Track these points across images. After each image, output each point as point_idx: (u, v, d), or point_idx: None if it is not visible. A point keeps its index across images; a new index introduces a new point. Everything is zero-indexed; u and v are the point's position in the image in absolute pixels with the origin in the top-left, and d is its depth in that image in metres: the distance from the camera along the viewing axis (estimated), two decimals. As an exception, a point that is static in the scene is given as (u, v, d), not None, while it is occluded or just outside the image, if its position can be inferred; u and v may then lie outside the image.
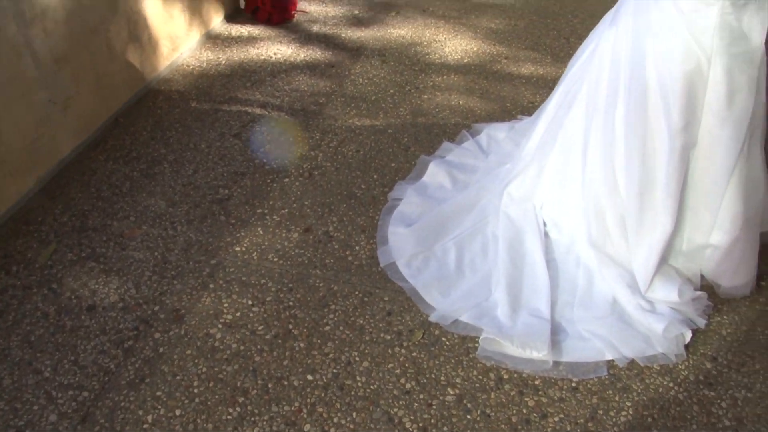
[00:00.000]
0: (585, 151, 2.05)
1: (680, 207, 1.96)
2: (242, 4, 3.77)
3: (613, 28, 1.94)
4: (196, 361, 1.89)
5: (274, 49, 3.42)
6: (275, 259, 2.20)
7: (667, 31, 1.80)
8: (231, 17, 3.70)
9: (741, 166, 1.92)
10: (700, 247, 2.04)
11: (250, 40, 3.51)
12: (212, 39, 3.49)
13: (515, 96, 3.04)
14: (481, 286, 2.05)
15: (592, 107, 2.01)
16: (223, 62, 3.29)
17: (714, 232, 2.00)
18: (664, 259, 2.03)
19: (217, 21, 3.60)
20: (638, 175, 1.92)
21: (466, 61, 3.34)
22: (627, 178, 1.95)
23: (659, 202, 1.92)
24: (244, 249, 2.24)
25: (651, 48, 1.83)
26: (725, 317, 2.03)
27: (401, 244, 2.18)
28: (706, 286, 2.09)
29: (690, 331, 1.94)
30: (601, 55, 1.98)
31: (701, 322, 1.98)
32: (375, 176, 2.56)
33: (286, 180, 2.54)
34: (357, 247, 2.25)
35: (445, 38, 3.55)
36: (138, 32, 2.90)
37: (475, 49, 3.45)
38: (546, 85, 3.10)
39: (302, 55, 3.37)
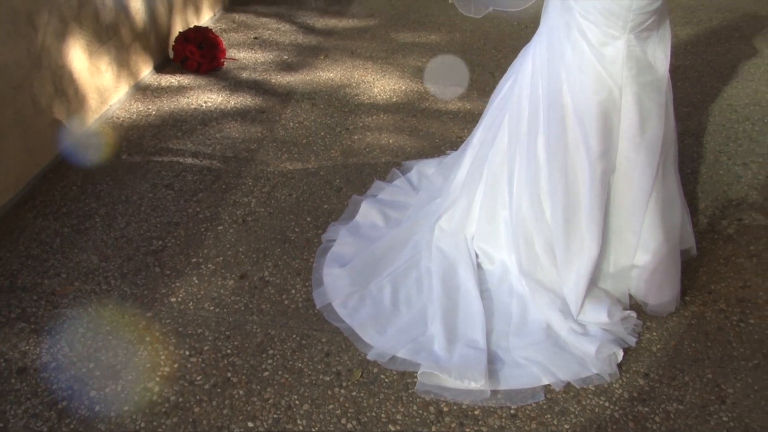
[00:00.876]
0: (510, 181, 2.12)
1: (605, 231, 2.04)
2: (171, 54, 3.78)
3: (530, 63, 2.04)
4: (134, 416, 1.85)
5: (205, 97, 3.44)
6: (211, 308, 2.19)
7: (580, 64, 1.90)
8: (160, 67, 3.71)
9: (658, 187, 2.02)
10: (627, 268, 2.13)
11: (181, 89, 3.52)
12: (142, 90, 3.48)
13: (444, 132, 3.13)
14: (416, 321, 2.08)
15: (515, 139, 2.09)
16: (154, 113, 3.29)
17: (638, 252, 2.09)
18: (593, 282, 2.10)
19: (146, 72, 3.60)
20: (562, 203, 2.00)
21: (394, 100, 3.42)
22: (552, 205, 2.03)
23: (584, 228, 2.00)
24: (179, 299, 2.23)
25: (566, 80, 1.93)
26: (654, 334, 2.10)
27: (336, 284, 2.20)
28: (634, 305, 2.17)
29: (622, 350, 2.00)
30: (520, 89, 2.07)
31: (632, 341, 2.05)
32: (308, 219, 2.58)
33: (220, 228, 2.54)
34: (293, 291, 2.26)
35: (373, 79, 3.63)
36: (64, 86, 2.89)
37: (403, 87, 3.54)
38: (473, 119, 3.17)
39: (233, 102, 3.39)
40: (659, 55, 1.96)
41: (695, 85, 3.57)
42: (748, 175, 2.84)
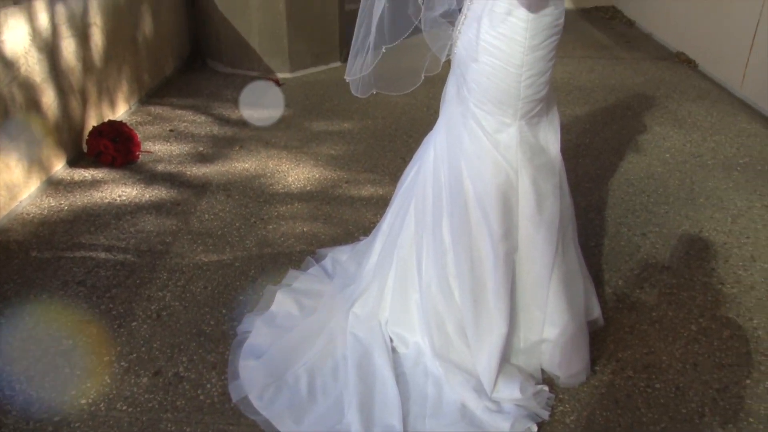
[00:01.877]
0: (419, 265, 2.19)
1: (513, 308, 2.12)
2: (85, 148, 3.77)
3: (431, 151, 2.15)
4: None
5: (119, 191, 3.42)
6: (124, 407, 2.13)
7: (477, 151, 2.02)
8: (74, 162, 3.68)
9: (559, 263, 2.13)
10: (536, 343, 2.20)
11: (94, 183, 3.50)
12: (54, 185, 3.44)
13: (357, 218, 3.20)
14: (333, 409, 2.07)
15: (421, 224, 2.17)
16: (66, 208, 3.25)
17: (546, 327, 2.17)
18: (505, 359, 2.16)
19: (59, 166, 3.56)
20: (470, 284, 2.07)
21: (308, 188, 3.49)
22: (460, 287, 2.09)
23: (492, 307, 2.07)
24: (90, 401, 2.16)
25: (465, 167, 2.04)
26: (567, 406, 2.15)
27: (252, 376, 2.18)
28: (547, 378, 2.23)
29: (535, 425, 2.04)
30: (424, 176, 2.17)
31: (545, 414, 2.09)
32: (224, 311, 2.57)
33: (134, 324, 2.50)
34: (208, 385, 2.22)
35: (287, 168, 3.70)
36: (-32, 188, 2.83)
37: (317, 176, 3.61)
38: (385, 205, 3.21)
39: (148, 196, 3.39)
40: (550, 138, 2.10)
41: (595, 162, 3.79)
42: (647, 244, 3.01)
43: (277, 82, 5.04)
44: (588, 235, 3.06)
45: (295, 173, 3.65)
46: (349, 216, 3.22)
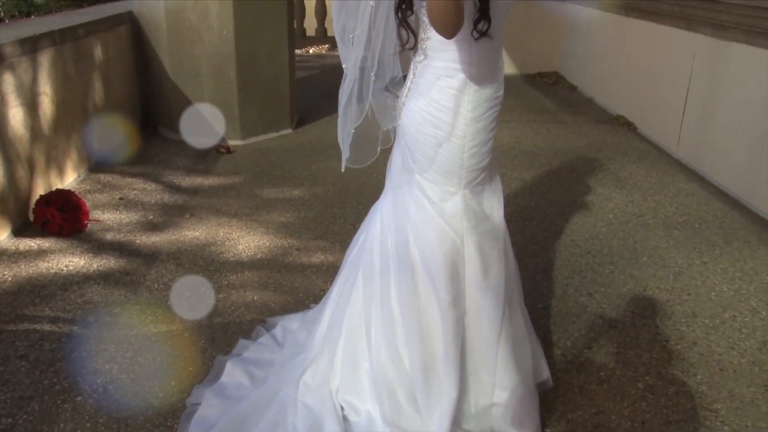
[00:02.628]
0: (368, 333, 2.20)
1: (462, 373, 2.13)
2: (31, 217, 3.72)
3: (378, 220, 2.19)
4: None
5: (66, 261, 3.37)
6: (67, 489, 2.07)
7: (423, 219, 2.07)
8: (19, 231, 3.62)
9: (506, 327, 2.16)
10: (487, 407, 2.20)
11: (40, 253, 3.44)
12: (-3, 256, 3.38)
13: (307, 286, 3.20)
14: (285, 480, 2.04)
15: (369, 292, 2.19)
16: (10, 279, 3.18)
17: (495, 391, 2.18)
18: (456, 424, 2.15)
19: (3, 236, 3.51)
20: (419, 351, 2.08)
21: (259, 256, 3.49)
22: (410, 354, 2.10)
23: (442, 373, 2.09)
24: (31, 483, 2.08)
25: (412, 235, 2.08)
26: (519, 470, 2.16)
27: (202, 450, 2.14)
28: (498, 443, 2.24)
29: (488, 490, 2.05)
30: (371, 244, 2.20)
31: (498, 478, 2.10)
32: (173, 383, 2.52)
33: (79, 399, 2.43)
34: (156, 461, 2.18)
35: (238, 236, 3.70)
36: None
37: (268, 244, 3.62)
38: (335, 272, 3.19)
39: (96, 265, 3.35)
40: (494, 206, 2.17)
41: (541, 224, 3.89)
42: (593, 305, 3.08)
43: (228, 150, 5.08)
44: (535, 297, 3.12)
45: (245, 241, 3.65)
46: (299, 284, 3.22)
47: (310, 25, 9.50)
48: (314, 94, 6.79)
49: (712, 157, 4.71)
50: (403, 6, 1.94)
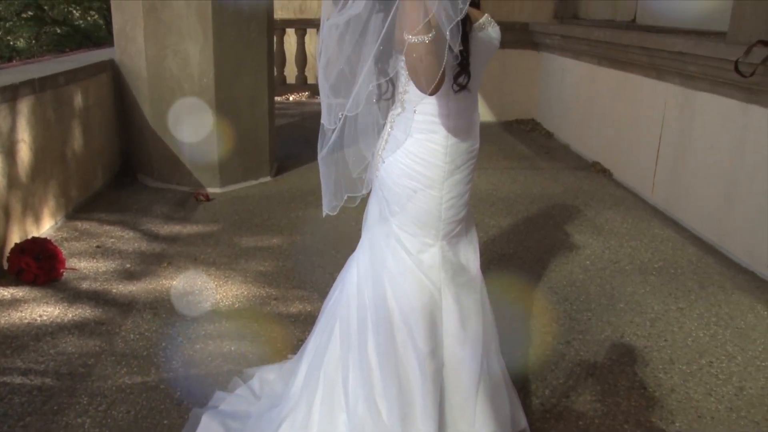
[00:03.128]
0: (346, 384, 2.17)
1: (441, 424, 2.11)
2: (5, 265, 3.67)
3: (355, 271, 2.19)
4: None
5: (40, 310, 3.33)
6: None
7: (401, 271, 2.08)
8: (-8, 280, 3.58)
9: (484, 377, 2.16)
10: (466, 458, 2.19)
11: (14, 303, 3.39)
12: (-31, 306, 3.32)
13: (285, 335, 3.17)
14: None
15: (347, 343, 2.18)
16: (-19, 330, 3.13)
17: (473, 440, 2.16)
18: (434, 475, 2.14)
19: (-25, 286, 3.46)
20: (397, 402, 2.06)
21: (237, 306, 3.46)
22: (388, 405, 2.08)
23: (420, 424, 2.06)
24: None
25: (389, 286, 2.08)
26: None
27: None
28: (476, 495, 2.21)
29: None
30: (348, 296, 2.19)
31: None
32: (147, 437, 2.48)
33: (50, 455, 2.38)
34: None
35: (216, 285, 3.67)
36: None
37: (246, 293, 3.60)
38: (313, 321, 3.16)
39: (70, 315, 3.30)
40: (471, 257, 2.19)
41: (519, 271, 3.91)
42: (571, 352, 3.08)
43: (207, 197, 5.08)
44: (513, 345, 3.11)
45: (223, 290, 3.62)
46: (277, 334, 3.19)
47: (291, 72, 9.59)
48: (294, 141, 6.83)
49: (686, 202, 4.79)
50: (383, 57, 1.96)
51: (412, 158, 2.01)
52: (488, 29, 2.00)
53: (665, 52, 4.95)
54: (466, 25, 1.85)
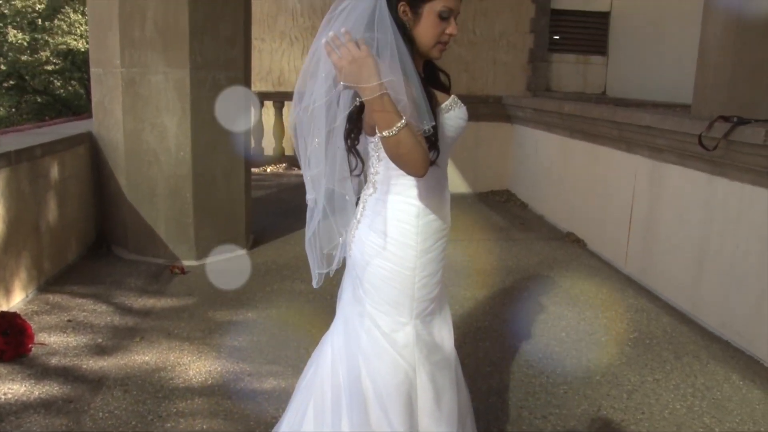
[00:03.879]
0: (320, 464, 2.14)
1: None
2: (-28, 342, 3.58)
3: (329, 350, 2.18)
4: None
5: (5, 388, 3.23)
6: None
7: (376, 350, 2.07)
8: (-43, 356, 3.48)
9: (460, 455, 2.13)
10: None
11: (-22, 380, 3.30)
12: (-68, 384, 3.23)
13: (259, 413, 3.10)
14: None
15: (320, 422, 2.15)
16: (-57, 410, 3.03)
17: None
18: None
19: (-60, 363, 3.37)
20: (372, 482, 2.02)
21: (210, 382, 3.39)
22: (362, 486, 2.04)
23: (396, 504, 2.03)
24: None
25: (364, 365, 2.07)
26: None
27: None
28: None
29: None
30: (322, 375, 2.17)
31: None
32: None
33: None
34: None
35: (189, 360, 3.60)
36: None
37: (219, 369, 3.53)
38: (288, 398, 3.10)
39: (37, 392, 3.21)
40: (445, 335, 2.20)
41: (495, 345, 3.89)
42: (548, 427, 3.05)
43: (182, 270, 5.05)
44: (489, 420, 3.08)
45: (196, 366, 3.55)
46: (250, 411, 3.12)
47: (268, 144, 9.69)
48: (271, 213, 6.85)
49: (659, 272, 4.85)
50: (352, 135, 2.02)
51: (384, 238, 2.04)
52: (454, 110, 2.04)
53: (634, 125, 5.10)
54: (432, 105, 1.90)
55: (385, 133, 1.75)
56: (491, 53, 9.03)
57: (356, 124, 2.00)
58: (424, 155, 1.80)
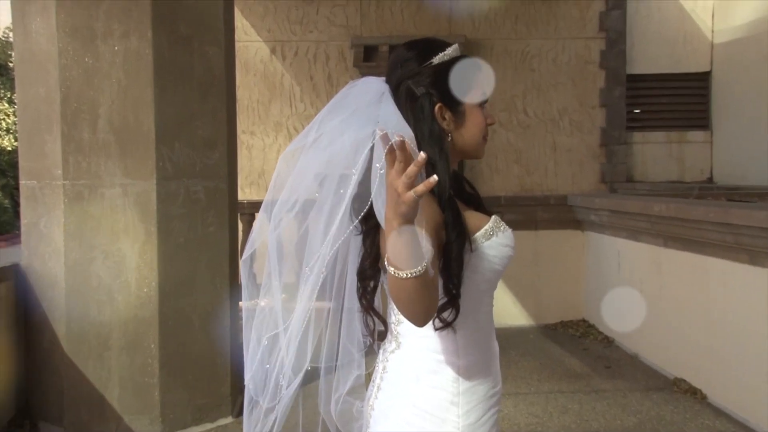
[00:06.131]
0: None
1: None
2: None
3: None
4: None
5: None
6: None
7: None
8: None
9: None
10: None
11: None
12: None
13: None
14: None
15: None
16: None
17: None
18: None
19: None
20: None
21: None
22: None
23: None
24: None
25: None
26: None
27: None
28: None
29: None
30: None
31: None
32: None
33: None
34: None
35: None
36: None
37: None
38: None
39: None
40: None
41: None
42: None
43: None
44: None
45: None
46: None
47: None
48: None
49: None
50: (368, 286, 2.03)
51: (415, 412, 2.00)
52: (497, 235, 2.02)
53: (755, 228, 4.84)
54: (462, 237, 1.91)
55: (391, 270, 1.69)
56: (550, 137, 8.82)
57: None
58: (429, 311, 1.79)
